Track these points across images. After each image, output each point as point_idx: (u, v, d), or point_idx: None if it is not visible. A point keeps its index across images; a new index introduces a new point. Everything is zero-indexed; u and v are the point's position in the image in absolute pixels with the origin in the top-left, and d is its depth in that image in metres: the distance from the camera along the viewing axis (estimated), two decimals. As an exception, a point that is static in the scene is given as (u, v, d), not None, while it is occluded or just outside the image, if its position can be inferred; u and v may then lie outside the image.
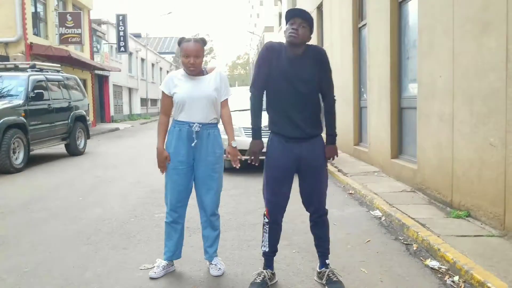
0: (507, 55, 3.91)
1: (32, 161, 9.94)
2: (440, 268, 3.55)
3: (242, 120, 8.25)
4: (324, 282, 3.21)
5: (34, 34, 17.58)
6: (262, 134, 3.14)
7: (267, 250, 3.23)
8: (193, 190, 3.55)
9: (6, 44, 16.17)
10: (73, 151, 11.32)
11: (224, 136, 3.46)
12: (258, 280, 3.18)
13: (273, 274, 3.30)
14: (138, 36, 40.23)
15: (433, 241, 3.92)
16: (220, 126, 3.52)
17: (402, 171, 6.48)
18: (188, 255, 3.88)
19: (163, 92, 3.45)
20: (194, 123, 3.35)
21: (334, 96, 3.18)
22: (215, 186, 3.49)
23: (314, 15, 13.10)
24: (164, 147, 3.42)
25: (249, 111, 3.16)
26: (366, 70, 8.32)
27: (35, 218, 5.28)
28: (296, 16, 2.96)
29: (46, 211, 5.61)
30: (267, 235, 3.21)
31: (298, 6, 16.94)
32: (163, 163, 3.42)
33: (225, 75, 3.54)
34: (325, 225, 3.27)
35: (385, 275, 3.45)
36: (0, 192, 6.96)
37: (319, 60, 3.08)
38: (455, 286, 3.24)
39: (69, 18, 18.85)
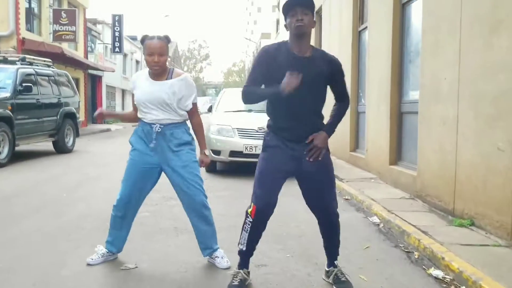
0: (519, 55, 3.71)
1: (17, 156, 9.59)
2: (445, 278, 3.31)
3: (236, 121, 8.03)
4: (332, 281, 3.06)
5: (28, 30, 17.28)
6: (257, 136, 3.02)
7: (244, 249, 3.00)
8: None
9: (-2, 38, 15.87)
10: (61, 149, 11.00)
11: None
12: (236, 282, 2.96)
13: (249, 273, 3.07)
14: (134, 38, 40.02)
15: (436, 249, 3.68)
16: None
17: (401, 177, 6.25)
18: (174, 256, 3.63)
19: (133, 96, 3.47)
20: (155, 124, 3.25)
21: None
22: (196, 178, 3.34)
23: (312, 20, 12.94)
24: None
25: (253, 99, 2.92)
26: (364, 74, 8.12)
27: (14, 213, 5.00)
28: (296, 5, 2.75)
29: (28, 206, 5.33)
30: (247, 234, 2.95)
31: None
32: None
33: (191, 81, 3.37)
34: (336, 229, 3.09)
35: (386, 283, 3.20)
36: (-19, 186, 6.65)
37: (331, 64, 2.93)
38: (461, 297, 3.00)
39: (63, 15, 18.58)
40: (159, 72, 3.24)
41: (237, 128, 7.84)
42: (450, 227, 4.41)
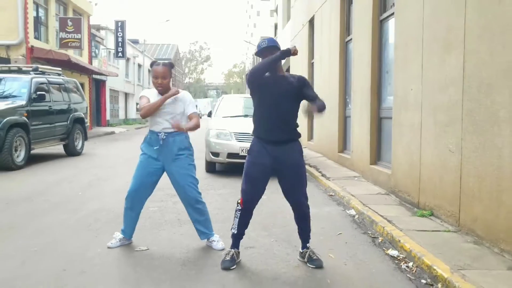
0: (464, 72, 4.46)
1: (32, 159, 10.40)
2: (399, 256, 4.06)
3: (232, 126, 8.77)
4: (306, 260, 3.81)
5: (35, 38, 18.08)
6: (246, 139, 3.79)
7: (235, 232, 3.78)
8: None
9: (8, 47, 16.65)
10: (71, 152, 11.79)
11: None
12: (228, 258, 3.74)
13: (239, 252, 3.86)
14: (135, 42, 40.87)
15: (395, 234, 4.44)
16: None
17: (379, 176, 7.01)
18: (178, 241, 4.40)
19: (144, 97, 4.10)
20: (160, 133, 4.04)
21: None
22: (191, 179, 4.12)
23: (306, 28, 13.71)
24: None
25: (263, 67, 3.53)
26: (351, 82, 8.88)
27: (38, 209, 5.75)
28: (264, 50, 3.60)
29: (48, 203, 6.08)
30: (237, 219, 3.74)
31: (291, 20, 17.55)
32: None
33: (189, 95, 4.23)
34: (306, 218, 3.83)
35: (349, 260, 3.96)
36: (3, 186, 7.41)
37: (299, 79, 3.72)
38: (408, 270, 3.75)
39: (69, 23, 19.37)
40: (163, 91, 4.01)
41: (234, 132, 8.59)
42: (413, 217, 5.17)
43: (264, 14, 34.03)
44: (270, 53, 3.54)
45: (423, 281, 3.50)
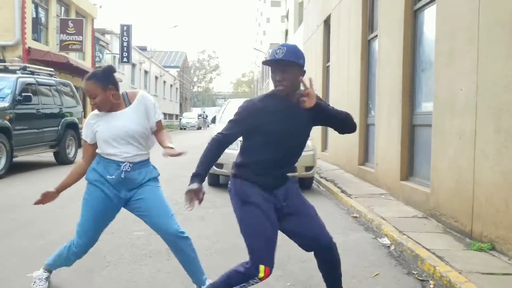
0: (547, 63, 3.34)
1: (16, 168, 9.34)
2: (464, 313, 2.92)
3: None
4: None
5: (34, 39, 17.20)
6: None
7: None
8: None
9: (4, 48, 15.77)
10: (62, 160, 10.70)
11: None
12: None
13: None
14: (143, 49, 40.11)
15: (454, 278, 3.30)
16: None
17: (413, 194, 5.86)
18: (162, 282, 3.29)
19: (84, 140, 3.02)
20: (124, 163, 2.87)
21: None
22: (166, 209, 3.00)
23: (321, 29, 12.65)
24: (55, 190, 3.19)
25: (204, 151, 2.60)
26: (374, 85, 7.77)
27: (0, 230, 4.69)
28: (273, 66, 2.48)
29: (15, 223, 5.04)
30: None
31: (304, 23, 16.50)
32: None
33: (150, 97, 3.04)
34: (338, 265, 2.69)
35: (398, 319, 2.82)
36: (-29, 199, 6.36)
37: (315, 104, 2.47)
38: None
39: (70, 24, 18.50)
40: (111, 109, 2.93)
41: (240, 140, 7.49)
42: (469, 252, 4.01)
43: (274, 20, 33.12)
44: (279, 67, 2.42)
45: None
